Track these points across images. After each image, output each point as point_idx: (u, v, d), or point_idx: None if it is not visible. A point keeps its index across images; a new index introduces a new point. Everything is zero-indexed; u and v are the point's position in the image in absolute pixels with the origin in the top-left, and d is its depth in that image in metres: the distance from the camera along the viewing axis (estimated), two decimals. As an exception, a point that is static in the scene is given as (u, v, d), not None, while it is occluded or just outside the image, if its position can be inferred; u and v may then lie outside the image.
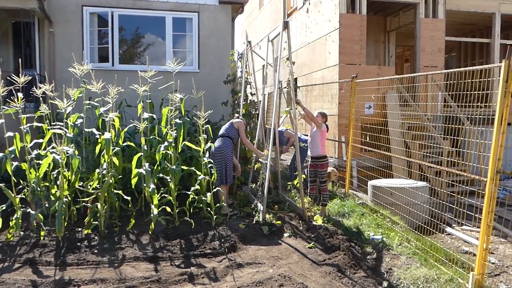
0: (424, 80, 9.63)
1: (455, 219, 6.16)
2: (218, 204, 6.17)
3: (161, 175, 5.93)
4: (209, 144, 6.41)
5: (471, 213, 4.86)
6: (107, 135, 5.69)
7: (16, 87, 5.40)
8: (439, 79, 9.97)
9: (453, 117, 7.94)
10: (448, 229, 6.63)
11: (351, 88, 7.52)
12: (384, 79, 7.65)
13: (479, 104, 6.50)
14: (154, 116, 6.79)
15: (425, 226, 5.54)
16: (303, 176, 6.53)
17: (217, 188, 6.22)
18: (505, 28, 12.90)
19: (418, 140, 8.86)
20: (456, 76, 7.08)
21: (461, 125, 7.02)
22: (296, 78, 13.04)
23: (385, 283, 4.29)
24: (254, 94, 8.64)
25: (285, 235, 5.62)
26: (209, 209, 5.98)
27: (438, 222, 5.73)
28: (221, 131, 6.81)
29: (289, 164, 8.94)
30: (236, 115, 7.20)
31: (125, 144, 6.45)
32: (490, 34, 12.00)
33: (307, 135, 6.83)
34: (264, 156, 6.69)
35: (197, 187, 5.94)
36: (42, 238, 5.23)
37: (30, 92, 6.49)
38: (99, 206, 5.50)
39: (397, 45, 13.92)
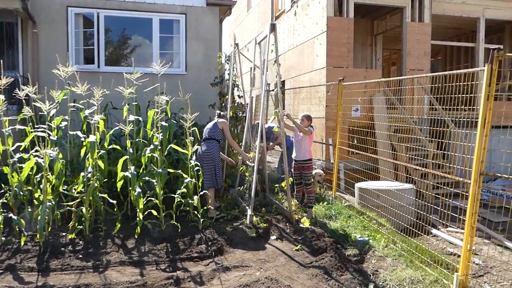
0: (411, 83, 9.76)
1: (440, 221, 6.24)
2: (205, 207, 6.16)
3: (147, 178, 5.90)
4: (196, 147, 6.40)
5: (455, 215, 4.91)
6: (92, 137, 5.65)
7: (-2, 89, 5.32)
8: (425, 82, 10.11)
9: (439, 120, 8.05)
10: (434, 231, 6.70)
11: (338, 91, 7.56)
12: (371, 82, 7.71)
13: (463, 107, 6.60)
14: (140, 118, 6.75)
15: (411, 228, 5.58)
16: (290, 179, 6.56)
17: (204, 191, 6.20)
18: (489, 33, 13.18)
19: (405, 143, 8.95)
20: (441, 79, 7.19)
21: (446, 128, 7.13)
22: (284, 81, 13.09)
23: (371, 285, 4.33)
24: (242, 96, 8.64)
25: (272, 237, 5.63)
26: (195, 212, 5.97)
27: (423, 224, 5.78)
28: (206, 134, 6.77)
29: (276, 166, 8.95)
30: (218, 112, 7.17)
31: (110, 147, 6.41)
32: (475, 38, 12.22)
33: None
34: (250, 159, 6.67)
35: (184, 190, 5.93)
36: (23, 243, 5.13)
37: (13, 94, 6.41)
38: (84, 210, 5.45)
39: (384, 49, 14.08)
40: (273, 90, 7.95)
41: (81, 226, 5.46)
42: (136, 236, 5.46)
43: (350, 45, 10.38)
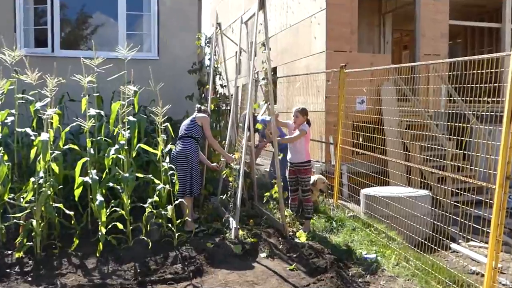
0: (425, 70, 9.82)
1: (461, 233, 6.25)
2: (181, 219, 6.13)
3: (111, 184, 5.85)
4: (169, 146, 6.38)
5: (478, 227, 4.94)
6: (44, 136, 5.58)
7: None
8: (442, 70, 10.17)
9: (459, 114, 8.09)
10: (453, 246, 6.77)
11: (340, 80, 7.60)
12: (378, 69, 7.75)
13: (487, 98, 6.64)
14: (103, 112, 6.69)
15: (427, 242, 5.62)
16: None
17: (179, 200, 6.18)
18: (517, 11, 13.29)
19: (419, 141, 9.00)
20: (461, 66, 7.23)
21: (467, 124, 7.17)
22: (275, 68, 13.10)
23: (379, 311, 4.34)
24: (225, 86, 8.61)
25: (262, 255, 5.63)
26: (170, 225, 5.93)
27: (441, 237, 5.80)
28: (182, 131, 6.77)
29: (267, 170, 8.93)
30: (198, 106, 7.15)
31: (66, 147, 6.33)
32: (500, 17, 12.33)
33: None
34: (234, 161, 6.64)
35: (156, 198, 5.90)
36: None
37: None
38: (34, 223, 5.37)
39: (394, 30, 14.15)
40: (263, 79, 7.94)
41: (31, 243, 5.37)
42: (97, 254, 5.40)
43: (354, 25, 10.43)
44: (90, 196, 5.86)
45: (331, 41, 10.28)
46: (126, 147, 5.91)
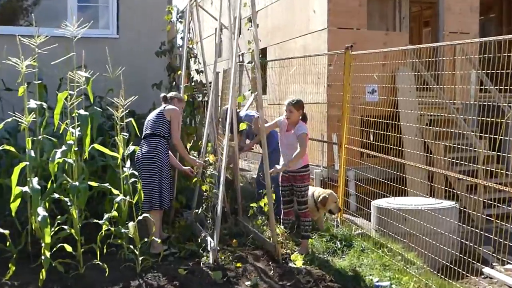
0: (451, 52, 9.82)
1: (495, 255, 6.29)
2: (147, 240, 6.09)
3: (57, 195, 5.77)
4: (131, 147, 6.30)
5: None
6: (-30, 134, 5.51)
7: None
8: (472, 52, 10.18)
9: (492, 106, 8.11)
10: (486, 270, 6.77)
11: (345, 64, 7.59)
12: (393, 50, 7.73)
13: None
14: (46, 105, 6.62)
15: (453, 266, 5.60)
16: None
17: (144, 215, 6.15)
18: None
19: (443, 140, 8.99)
20: (494, 47, 7.23)
21: (502, 118, 7.20)
22: (265, 49, 13.09)
23: None
24: (202, 71, 8.56)
25: (248, 283, 5.60)
26: (132, 246, 5.90)
27: (471, 259, 5.81)
28: (148, 128, 6.75)
29: (255, 176, 8.93)
30: (164, 94, 7.11)
31: (0, 148, 6.23)
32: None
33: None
34: (199, 165, 6.74)
35: (114, 213, 5.89)
36: None
37: None
38: (-43, 245, 5.31)
39: (412, 2, 14.13)
40: (249, 63, 7.92)
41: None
42: (40, 284, 5.31)
43: (363, -4, 10.44)
44: (31, 211, 5.79)
45: (334, 15, 10.27)
46: (76, 149, 5.85)
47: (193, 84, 8.50)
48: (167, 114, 6.74)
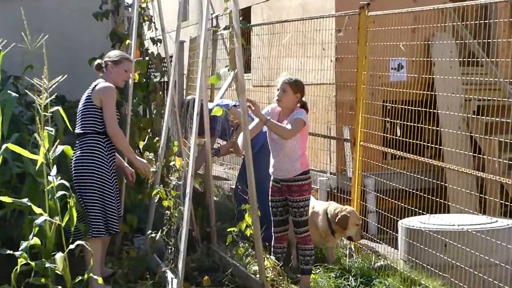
0: (507, 12, 9.46)
1: None
2: (82, 277, 5.78)
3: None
4: (60, 147, 6.03)
5: None
6: None
7: None
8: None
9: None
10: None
11: (360, 29, 7.48)
12: (427, 10, 7.54)
13: None
14: None
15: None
16: None
17: (78, 242, 5.84)
18: None
19: (497, 135, 8.67)
20: None
21: None
22: (248, 8, 13.10)
23: None
24: (160, 41, 8.54)
25: None
26: (60, 287, 5.68)
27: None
28: (77, 123, 6.52)
29: (233, 187, 8.80)
30: (98, 61, 6.86)
31: None
32: None
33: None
34: (149, 170, 6.70)
35: (36, 241, 5.62)
36: None
37: None
38: None
39: None
40: (225, 28, 7.67)
41: None
42: None
43: None
44: None
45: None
46: (-21, 150, 5.77)
47: (147, 58, 8.45)
48: (95, 99, 6.44)
